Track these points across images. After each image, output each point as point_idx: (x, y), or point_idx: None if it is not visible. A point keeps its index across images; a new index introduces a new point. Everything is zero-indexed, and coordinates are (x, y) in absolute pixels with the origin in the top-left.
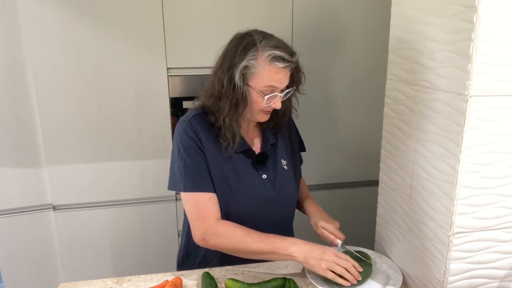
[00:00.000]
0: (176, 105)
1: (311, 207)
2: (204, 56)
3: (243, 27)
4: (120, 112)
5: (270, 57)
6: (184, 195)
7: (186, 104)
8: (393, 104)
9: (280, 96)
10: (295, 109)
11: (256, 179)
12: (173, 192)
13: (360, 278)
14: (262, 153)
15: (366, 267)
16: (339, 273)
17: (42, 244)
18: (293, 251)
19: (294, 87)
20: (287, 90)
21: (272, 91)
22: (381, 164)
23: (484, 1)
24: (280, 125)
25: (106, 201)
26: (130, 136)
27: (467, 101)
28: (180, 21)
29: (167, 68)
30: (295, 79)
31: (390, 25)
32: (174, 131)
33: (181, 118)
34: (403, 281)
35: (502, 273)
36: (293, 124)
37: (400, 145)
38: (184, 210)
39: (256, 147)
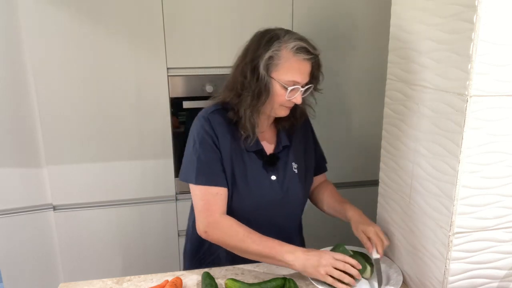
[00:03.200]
0: (176, 105)
1: (350, 211)
2: (204, 56)
3: (243, 27)
4: (120, 112)
5: (294, 48)
6: (193, 187)
7: (186, 104)
8: (393, 104)
9: (302, 90)
10: (313, 109)
11: (264, 179)
12: (173, 192)
13: (360, 278)
14: (273, 155)
15: (368, 264)
16: (337, 277)
17: (42, 244)
18: (290, 259)
19: (313, 85)
20: (307, 86)
21: (295, 84)
22: (381, 164)
23: (484, 1)
24: (295, 126)
25: (106, 201)
26: (130, 136)
27: (467, 101)
28: (180, 21)
29: (167, 68)
30: (315, 75)
31: (390, 25)
32: (174, 131)
33: (200, 113)
34: (403, 281)
35: (502, 273)
36: (311, 129)
37: (400, 145)
38: (191, 203)
39: (269, 148)
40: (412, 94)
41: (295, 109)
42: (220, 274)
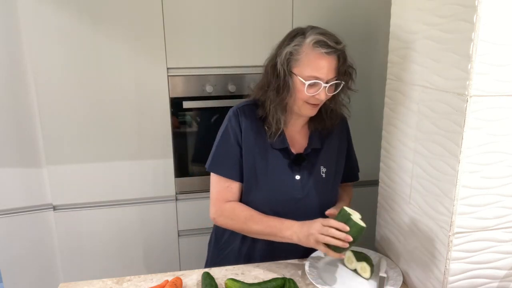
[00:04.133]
0: (176, 105)
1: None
2: (204, 56)
3: (243, 27)
4: (120, 112)
5: (313, 41)
6: (211, 175)
7: (186, 104)
8: (393, 104)
9: (325, 86)
10: (347, 109)
11: (287, 177)
12: (173, 192)
13: (350, 240)
14: (300, 155)
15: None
16: (325, 242)
17: (42, 244)
18: (289, 234)
19: (343, 82)
20: (332, 82)
21: (316, 79)
22: (381, 164)
23: (484, 1)
24: (328, 128)
25: (106, 201)
26: (130, 136)
27: (467, 101)
28: (180, 21)
29: (167, 68)
30: (342, 71)
31: (390, 25)
32: (174, 131)
33: (233, 107)
34: (403, 281)
35: (502, 273)
36: (347, 135)
37: (400, 145)
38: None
39: (299, 147)
40: (412, 94)
41: (327, 110)
42: (220, 274)
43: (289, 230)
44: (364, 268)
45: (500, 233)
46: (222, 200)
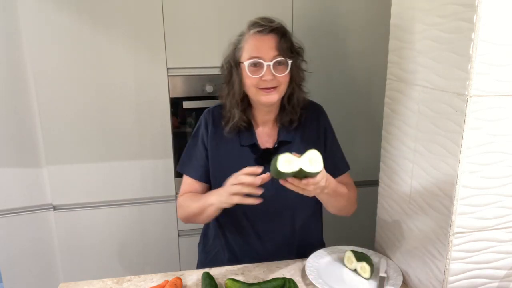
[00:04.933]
0: (176, 105)
1: None
2: (204, 56)
3: (243, 27)
4: (120, 112)
5: (248, 25)
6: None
7: (186, 104)
8: (393, 104)
9: (269, 65)
10: (302, 90)
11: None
12: (173, 192)
13: (258, 182)
14: (267, 150)
15: (368, 264)
16: (236, 192)
17: (42, 244)
18: (212, 200)
19: (289, 60)
20: (276, 60)
21: (256, 59)
22: (381, 164)
23: (484, 1)
24: (295, 120)
25: (106, 201)
26: (130, 136)
27: (467, 101)
28: (180, 21)
29: (167, 68)
30: (284, 48)
31: (390, 25)
32: (174, 131)
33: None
34: (403, 281)
35: (502, 273)
36: (325, 128)
37: (400, 145)
38: None
39: (267, 143)
40: (412, 94)
41: (290, 100)
42: (220, 274)
43: (213, 196)
44: (364, 268)
45: (500, 233)
46: (180, 195)
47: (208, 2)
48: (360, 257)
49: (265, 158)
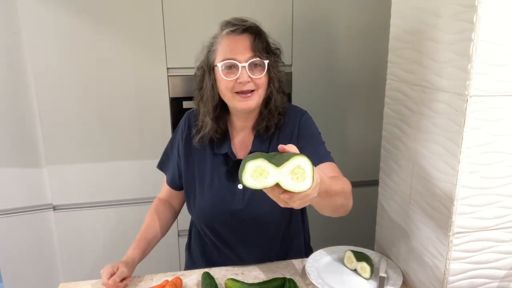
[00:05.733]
0: (176, 105)
1: None
2: None
3: None
4: (120, 112)
5: (221, 26)
6: None
7: (186, 104)
8: (393, 104)
9: (244, 66)
10: (280, 92)
11: (227, 187)
12: None
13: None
14: (239, 160)
15: (368, 264)
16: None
17: (42, 244)
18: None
19: (265, 61)
20: (251, 60)
21: (231, 60)
22: (381, 164)
23: (484, 1)
24: (271, 127)
25: (106, 201)
26: (130, 136)
27: (467, 101)
28: (180, 21)
29: (167, 68)
30: (259, 48)
31: (390, 25)
32: (174, 131)
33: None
34: (403, 281)
35: (502, 273)
36: (302, 131)
37: (400, 145)
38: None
39: (242, 153)
40: (412, 94)
41: (268, 107)
42: (220, 274)
43: (130, 250)
44: (364, 268)
45: (500, 233)
46: (159, 194)
47: (208, 2)
48: (360, 257)
49: (237, 169)
